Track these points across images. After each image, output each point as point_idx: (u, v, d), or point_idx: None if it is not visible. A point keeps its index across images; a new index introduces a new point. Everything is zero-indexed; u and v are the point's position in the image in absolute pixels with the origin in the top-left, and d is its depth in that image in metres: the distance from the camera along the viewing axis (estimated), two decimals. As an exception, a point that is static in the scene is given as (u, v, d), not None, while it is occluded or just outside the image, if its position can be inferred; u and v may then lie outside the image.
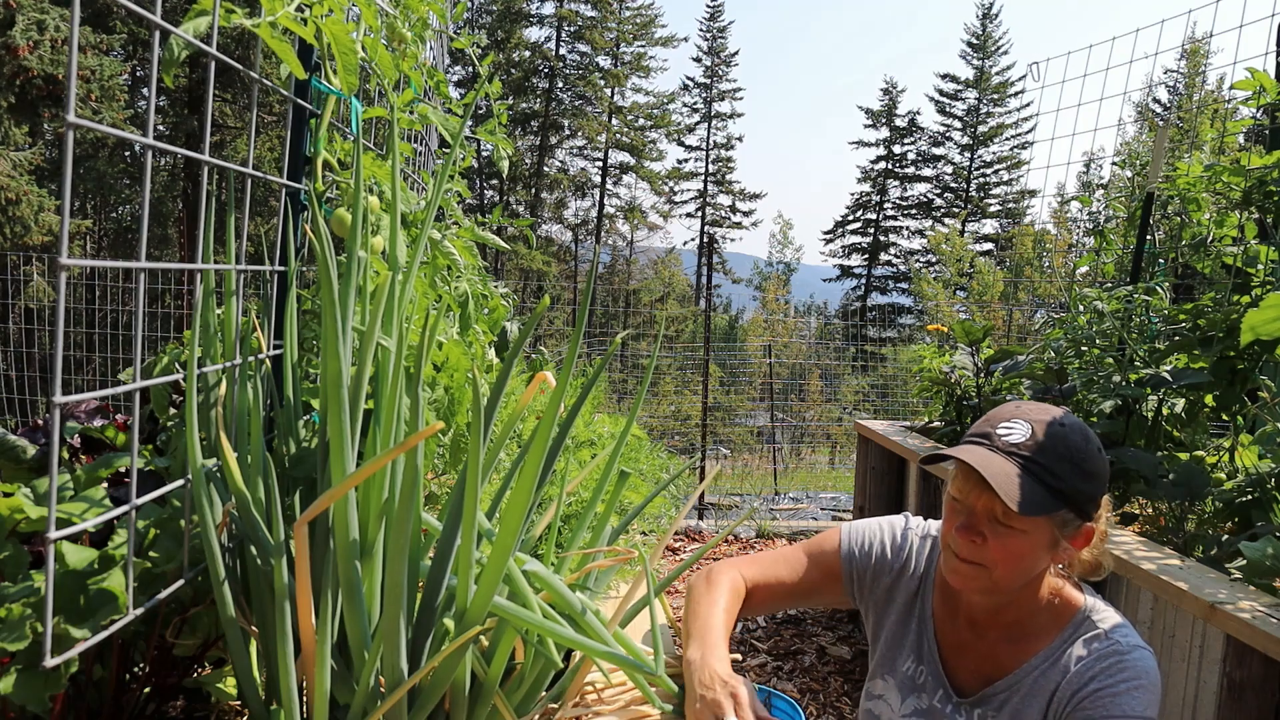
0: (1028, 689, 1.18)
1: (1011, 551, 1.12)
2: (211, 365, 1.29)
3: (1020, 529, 1.11)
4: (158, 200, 16.89)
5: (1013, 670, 1.20)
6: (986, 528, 1.12)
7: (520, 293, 18.25)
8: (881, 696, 1.32)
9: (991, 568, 1.13)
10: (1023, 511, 1.07)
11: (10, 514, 1.16)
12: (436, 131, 2.03)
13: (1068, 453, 1.11)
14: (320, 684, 1.10)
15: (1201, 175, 2.94)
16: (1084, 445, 1.13)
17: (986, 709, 1.22)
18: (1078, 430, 1.14)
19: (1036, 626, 1.21)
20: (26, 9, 8.87)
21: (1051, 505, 1.09)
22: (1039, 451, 1.11)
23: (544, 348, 2.99)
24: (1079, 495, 1.11)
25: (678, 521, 1.43)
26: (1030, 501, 1.08)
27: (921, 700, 1.27)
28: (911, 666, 1.30)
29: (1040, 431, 1.13)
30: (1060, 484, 1.10)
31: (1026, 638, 1.21)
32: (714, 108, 35.24)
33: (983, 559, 1.13)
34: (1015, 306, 13.17)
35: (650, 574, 1.18)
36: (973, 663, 1.25)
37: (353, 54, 1.27)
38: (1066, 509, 1.11)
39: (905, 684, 1.29)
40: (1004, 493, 1.07)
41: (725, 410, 11.72)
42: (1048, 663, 1.18)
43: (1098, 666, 1.13)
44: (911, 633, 1.31)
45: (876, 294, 34.85)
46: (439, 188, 1.37)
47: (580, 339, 1.27)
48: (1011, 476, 1.09)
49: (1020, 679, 1.19)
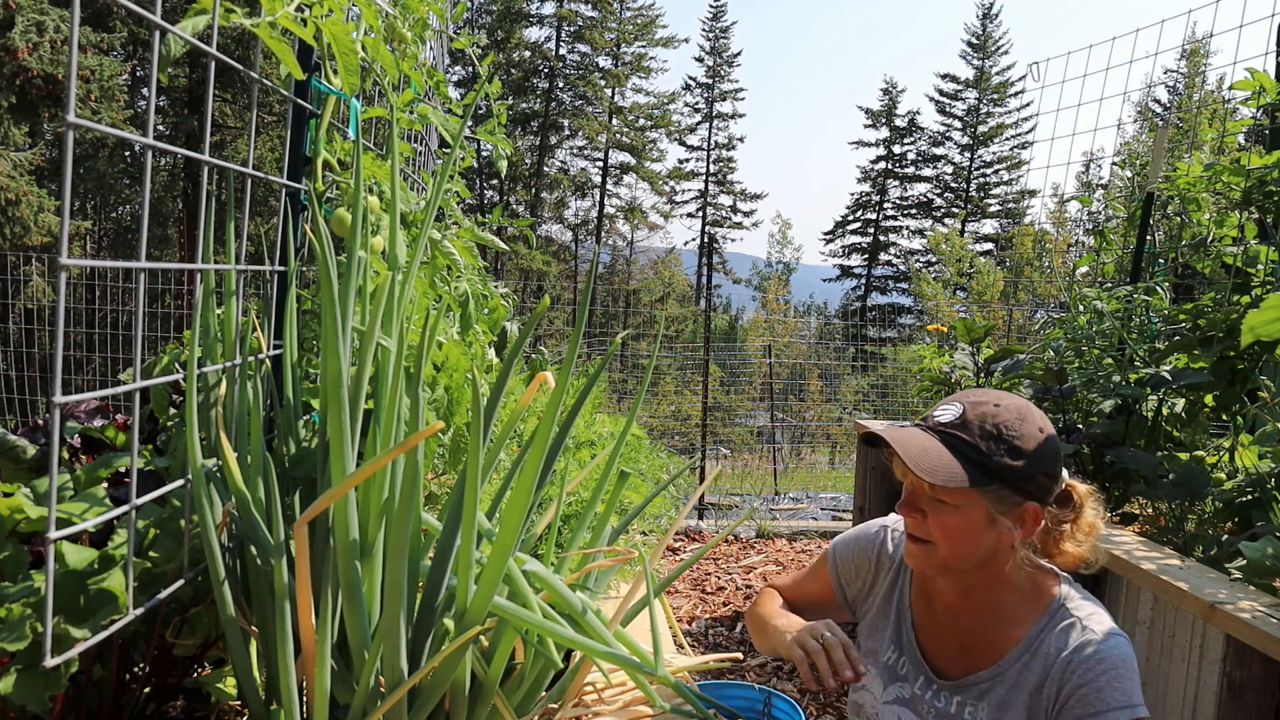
0: (1012, 680, 1.19)
1: (947, 527, 1.16)
2: (211, 365, 1.29)
3: (951, 503, 1.14)
4: (158, 200, 16.89)
5: (995, 661, 1.22)
6: (925, 504, 1.17)
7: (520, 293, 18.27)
8: (865, 687, 1.34)
9: (936, 544, 1.17)
10: (935, 481, 1.11)
11: (10, 514, 1.16)
12: (436, 131, 2.03)
13: (995, 430, 1.14)
14: (320, 684, 1.10)
15: (1201, 175, 2.94)
16: (1017, 424, 1.15)
17: (967, 696, 1.23)
18: (1014, 410, 1.16)
19: (1011, 614, 1.22)
20: (26, 10, 8.87)
21: (976, 479, 1.12)
22: (963, 428, 1.15)
23: (544, 348, 2.99)
24: (1009, 471, 1.13)
25: (678, 522, 1.43)
26: (947, 474, 1.12)
27: (904, 689, 1.29)
28: (892, 656, 1.32)
29: (970, 411, 1.17)
30: (984, 459, 1.13)
31: (1002, 625, 1.22)
32: (716, 108, 35.25)
33: (926, 535, 1.18)
34: (1015, 306, 13.17)
35: (650, 574, 1.18)
36: (951, 649, 1.27)
37: (353, 54, 1.27)
38: (998, 485, 1.13)
39: (886, 673, 1.32)
40: (914, 464, 1.12)
41: (725, 410, 11.72)
42: (1028, 653, 1.19)
43: (1076, 660, 1.15)
44: (890, 623, 1.34)
45: (876, 294, 34.86)
46: (439, 188, 1.37)
47: (580, 339, 1.27)
48: (929, 451, 1.13)
49: (1003, 670, 1.20)
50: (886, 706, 1.30)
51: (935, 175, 34.56)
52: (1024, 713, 1.17)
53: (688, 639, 3.61)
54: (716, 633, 3.68)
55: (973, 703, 1.22)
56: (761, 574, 4.42)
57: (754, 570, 4.47)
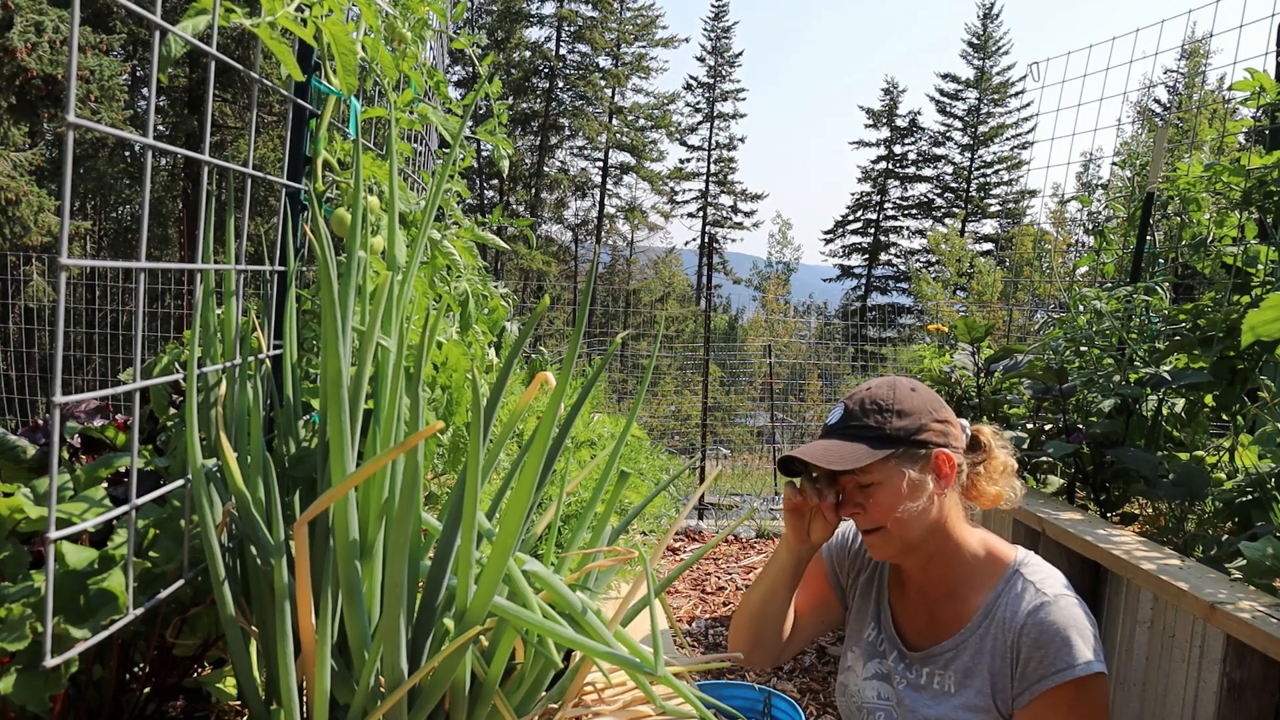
0: (974, 648, 1.25)
1: (883, 505, 1.23)
2: (211, 365, 1.29)
3: (875, 481, 1.23)
4: (158, 200, 16.89)
5: (957, 630, 1.28)
6: (859, 497, 1.25)
7: (520, 293, 18.26)
8: (850, 668, 1.41)
9: (886, 528, 1.25)
10: (846, 466, 1.20)
11: (10, 514, 1.16)
12: (436, 131, 2.03)
13: (874, 406, 1.25)
14: (320, 684, 1.10)
15: (1201, 175, 2.94)
16: (889, 392, 1.26)
17: (935, 666, 1.28)
18: (882, 385, 1.28)
19: (969, 583, 1.28)
20: (25, 10, 8.87)
21: (881, 447, 1.22)
22: (846, 417, 1.26)
23: (544, 348, 2.99)
24: (902, 431, 1.23)
25: (679, 522, 1.43)
26: (850, 457, 1.21)
27: (883, 666, 1.35)
28: (872, 634, 1.39)
29: (849, 403, 1.28)
30: (878, 430, 1.23)
31: (962, 595, 1.29)
32: (716, 107, 35.25)
33: (872, 523, 1.25)
34: (1015, 306, 13.16)
35: (650, 574, 1.18)
36: (921, 624, 1.33)
37: (352, 54, 1.27)
38: (902, 447, 1.23)
39: (867, 650, 1.38)
40: (824, 462, 1.21)
41: (725, 410, 11.72)
42: (987, 619, 1.25)
43: (1030, 622, 1.20)
44: (872, 603, 1.41)
45: (876, 294, 34.86)
46: (438, 188, 1.37)
47: (580, 339, 1.27)
48: (831, 448, 1.23)
49: (965, 638, 1.26)
50: (866, 682, 1.36)
51: (936, 175, 34.57)
52: (988, 677, 1.23)
53: (688, 639, 3.60)
54: (716, 633, 3.68)
55: (939, 672, 1.27)
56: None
57: (754, 570, 4.47)
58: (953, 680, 1.24)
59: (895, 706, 1.31)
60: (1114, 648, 2.10)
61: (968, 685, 1.23)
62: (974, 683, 1.22)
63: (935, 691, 1.26)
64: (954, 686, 1.24)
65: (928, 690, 1.27)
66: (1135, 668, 2.01)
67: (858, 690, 1.36)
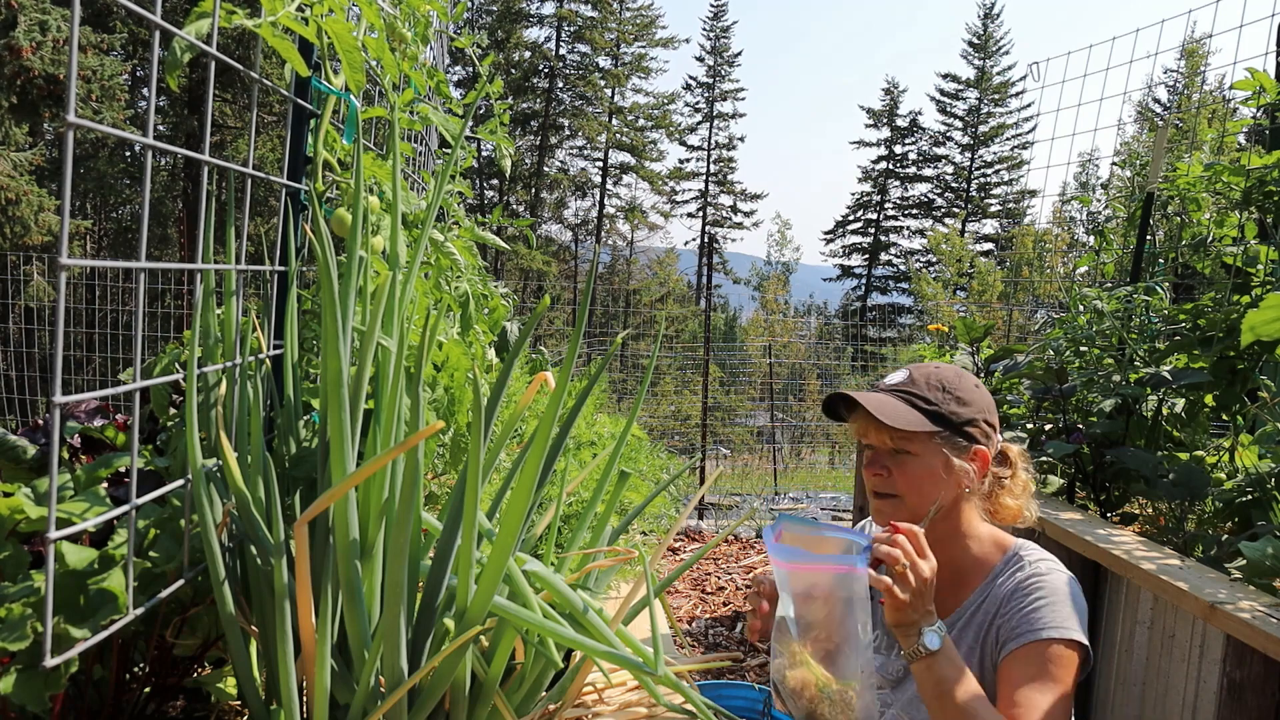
0: (964, 623, 1.29)
1: (912, 476, 1.26)
2: (211, 365, 1.29)
3: (913, 453, 1.26)
4: (158, 200, 16.89)
5: (954, 610, 1.31)
6: (888, 460, 1.28)
7: (520, 293, 18.25)
8: None
9: (903, 496, 1.28)
10: (899, 426, 1.23)
11: (10, 514, 1.16)
12: (437, 131, 2.03)
13: (939, 382, 1.29)
14: (320, 684, 1.10)
15: (1201, 175, 2.94)
16: (956, 379, 1.29)
17: None
18: (951, 370, 1.31)
19: (970, 568, 1.32)
20: (29, 10, 8.87)
21: (929, 422, 1.25)
22: (910, 384, 1.29)
23: (544, 348, 2.99)
24: (955, 416, 1.26)
25: (679, 522, 1.43)
26: (904, 419, 1.24)
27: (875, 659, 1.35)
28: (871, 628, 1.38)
29: (915, 372, 1.31)
30: (933, 406, 1.26)
31: (965, 580, 1.32)
32: (716, 107, 35.25)
33: (892, 489, 1.28)
34: (1015, 306, 13.16)
35: (651, 574, 1.18)
36: None
37: (356, 52, 1.27)
38: (950, 430, 1.26)
39: None
40: (880, 414, 1.24)
41: (725, 410, 11.73)
42: (982, 596, 1.28)
43: (1017, 590, 1.24)
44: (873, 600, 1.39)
45: (876, 294, 34.87)
46: (440, 188, 1.37)
47: (580, 339, 1.27)
48: (885, 402, 1.27)
49: (958, 618, 1.30)
50: None
51: (936, 175, 34.58)
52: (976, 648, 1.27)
53: (688, 639, 3.61)
54: (716, 633, 3.68)
55: None
56: (761, 574, 4.42)
57: (754, 570, 4.47)
58: None
59: (889, 693, 1.35)
60: (1114, 648, 2.10)
61: None
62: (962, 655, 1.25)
63: None
64: None
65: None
66: (1135, 668, 2.01)
67: None
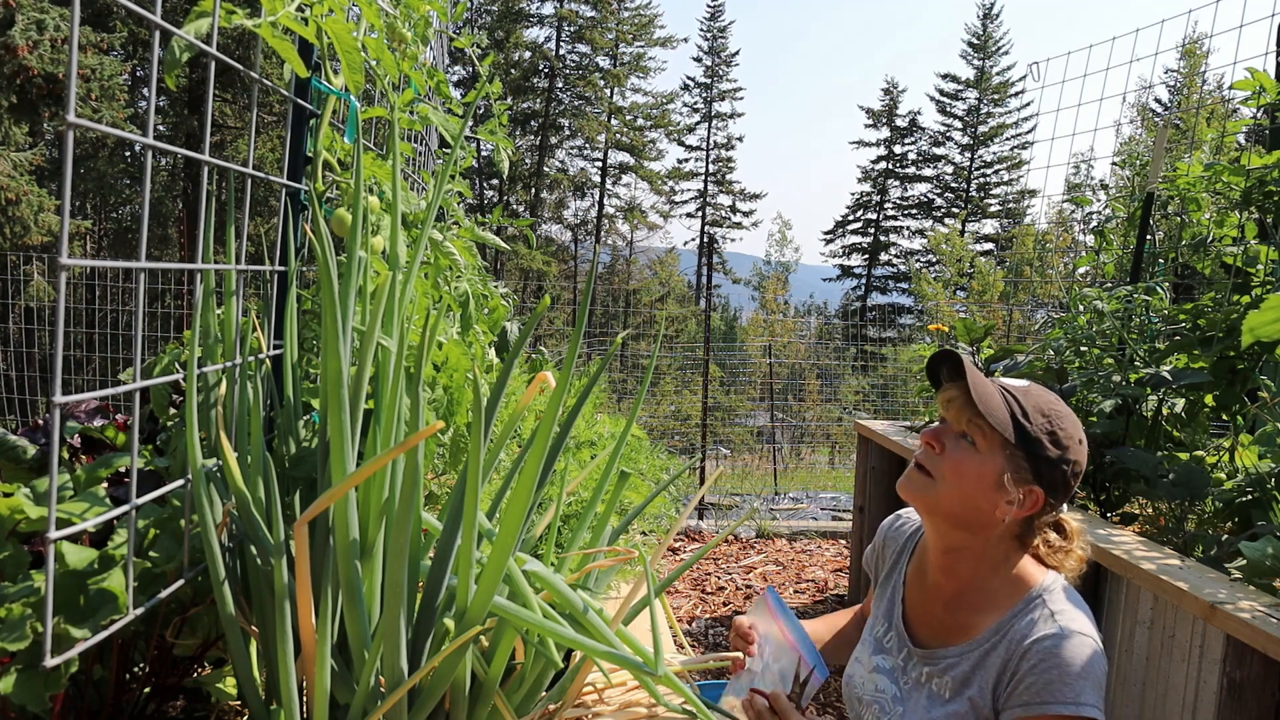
0: (976, 660, 1.22)
1: (961, 468, 1.20)
2: (211, 365, 1.29)
3: (978, 447, 1.19)
4: (158, 200, 16.89)
5: (965, 640, 1.25)
6: (950, 441, 1.22)
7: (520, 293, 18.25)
8: (858, 659, 1.40)
9: (939, 481, 1.21)
10: (984, 411, 1.16)
11: (10, 514, 1.16)
12: (436, 131, 2.03)
13: (1048, 412, 1.21)
14: (320, 684, 1.10)
15: (1201, 175, 2.94)
16: (1068, 422, 1.22)
17: (934, 669, 1.26)
18: (1068, 413, 1.23)
19: (991, 597, 1.25)
20: (26, 8, 8.87)
21: (1011, 429, 1.18)
22: (1022, 393, 1.22)
23: (544, 348, 2.99)
24: (1039, 444, 1.19)
25: (679, 522, 1.43)
26: (994, 411, 1.17)
27: (886, 661, 1.35)
28: (882, 629, 1.38)
29: (1034, 389, 1.24)
30: (1026, 421, 1.19)
31: (981, 607, 1.25)
32: (714, 107, 35.24)
33: (934, 468, 1.22)
34: (1015, 306, 13.16)
35: (651, 574, 1.18)
36: (932, 619, 1.31)
37: (356, 52, 1.27)
38: (1024, 454, 1.19)
39: (875, 645, 1.38)
40: (975, 388, 1.17)
41: (725, 410, 11.72)
42: (997, 636, 1.21)
43: (1035, 648, 1.16)
44: (886, 599, 1.39)
45: (876, 294, 34.86)
46: (439, 188, 1.37)
47: (580, 339, 1.27)
48: (989, 387, 1.20)
49: (970, 650, 1.23)
50: (869, 675, 1.36)
51: (936, 175, 34.58)
52: (980, 691, 1.21)
53: (688, 639, 3.60)
54: (716, 632, 3.68)
55: (938, 676, 1.26)
56: (761, 574, 4.42)
57: (754, 570, 4.47)
58: (949, 687, 1.24)
59: (889, 701, 1.32)
60: (1114, 648, 2.10)
61: (961, 695, 1.22)
62: (968, 692, 1.21)
63: (931, 693, 1.26)
64: (949, 693, 1.24)
65: (923, 691, 1.27)
66: (1135, 668, 2.01)
67: (860, 682, 1.37)
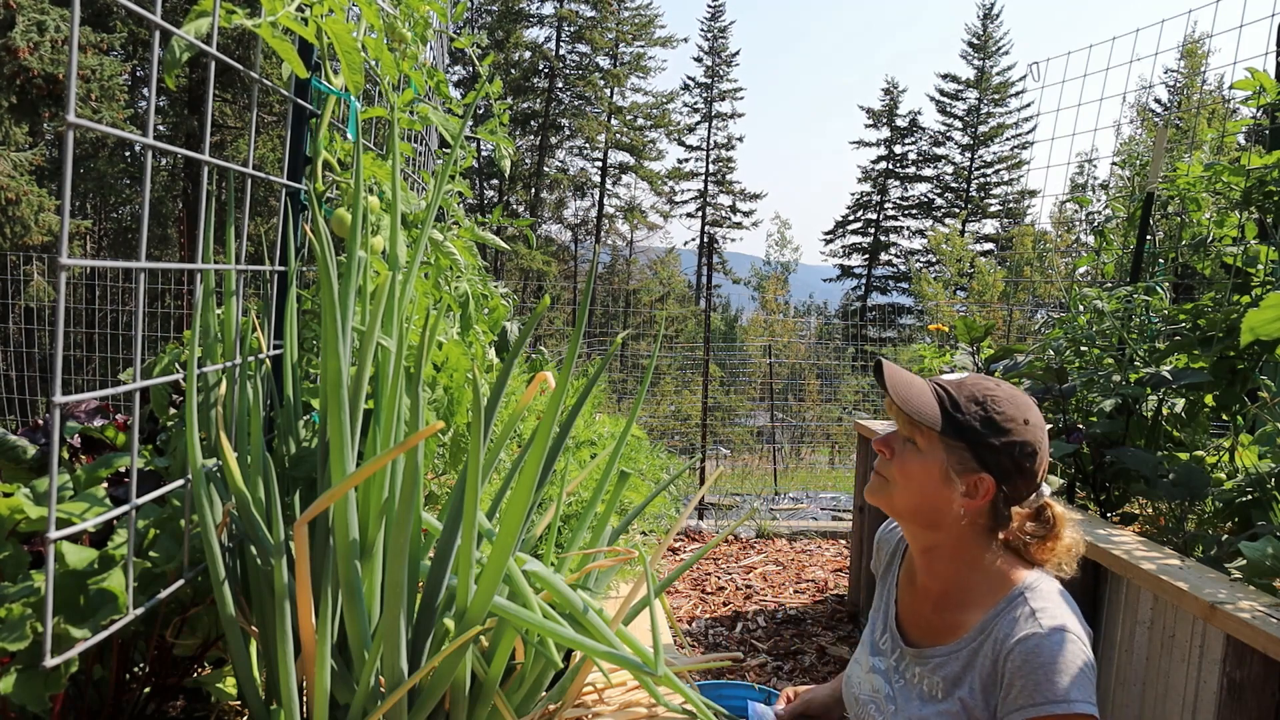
0: (965, 660, 1.23)
1: (907, 470, 1.23)
2: (211, 365, 1.29)
3: (919, 446, 1.21)
4: (158, 200, 16.89)
5: (953, 639, 1.26)
6: (897, 444, 1.25)
7: (520, 293, 18.26)
8: (857, 659, 1.42)
9: (892, 484, 1.25)
10: (905, 409, 1.19)
11: (10, 514, 1.16)
12: (436, 131, 2.03)
13: (982, 398, 1.21)
14: (320, 684, 1.10)
15: (1201, 175, 2.94)
16: (1006, 405, 1.21)
17: (925, 669, 1.27)
18: (1009, 395, 1.23)
19: (975, 595, 1.25)
20: (27, 9, 8.87)
21: (944, 427, 1.19)
22: (957, 387, 1.23)
23: (544, 348, 2.99)
24: (974, 433, 1.19)
25: (680, 523, 1.43)
26: (915, 404, 1.20)
27: (882, 662, 1.36)
28: (878, 632, 1.39)
29: (970, 380, 1.25)
30: (957, 412, 1.20)
31: (965, 605, 1.26)
32: (714, 107, 35.25)
33: (887, 473, 1.26)
34: (1015, 306, 13.16)
35: (651, 574, 1.18)
36: (922, 619, 1.32)
37: (356, 53, 1.27)
38: (962, 444, 1.19)
39: (872, 645, 1.39)
40: (894, 389, 1.20)
41: (725, 410, 11.73)
42: (983, 634, 1.22)
43: (1019, 649, 1.17)
44: (883, 599, 1.41)
45: (876, 294, 34.87)
46: (439, 188, 1.37)
47: (580, 339, 1.27)
48: (914, 386, 1.22)
49: (959, 649, 1.25)
50: (866, 675, 1.38)
51: (936, 175, 34.59)
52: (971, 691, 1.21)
53: (688, 639, 3.61)
54: (716, 633, 3.68)
55: (929, 676, 1.27)
56: (761, 574, 4.42)
57: (754, 570, 4.47)
58: (940, 687, 1.25)
59: (884, 701, 1.33)
60: (1114, 648, 2.10)
61: (952, 694, 1.23)
62: (958, 692, 1.22)
63: (923, 693, 1.27)
64: (940, 693, 1.24)
65: (916, 691, 1.28)
66: (1135, 668, 2.01)
67: (858, 682, 1.39)
